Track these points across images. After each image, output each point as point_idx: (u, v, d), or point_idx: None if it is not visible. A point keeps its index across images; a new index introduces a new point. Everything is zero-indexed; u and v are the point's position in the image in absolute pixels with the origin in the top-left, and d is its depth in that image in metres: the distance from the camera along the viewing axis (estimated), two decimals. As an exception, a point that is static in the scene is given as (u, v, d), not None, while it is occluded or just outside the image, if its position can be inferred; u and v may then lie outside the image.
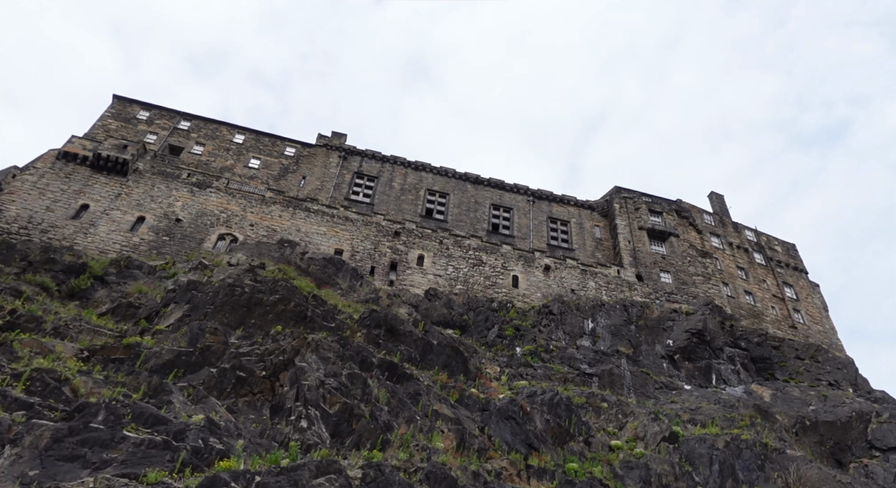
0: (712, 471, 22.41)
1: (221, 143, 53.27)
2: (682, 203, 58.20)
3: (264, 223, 42.84)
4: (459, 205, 53.76)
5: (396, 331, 23.63)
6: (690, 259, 51.05)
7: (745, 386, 36.60)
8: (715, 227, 57.36)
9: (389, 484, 13.15)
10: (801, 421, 32.60)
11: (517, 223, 53.35)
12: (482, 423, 20.71)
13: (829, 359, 40.53)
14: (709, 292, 48.03)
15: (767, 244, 58.45)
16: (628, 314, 38.94)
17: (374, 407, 17.33)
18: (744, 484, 22.55)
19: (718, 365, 37.29)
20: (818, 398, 35.17)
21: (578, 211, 56.38)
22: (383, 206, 51.07)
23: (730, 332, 40.02)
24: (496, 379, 25.83)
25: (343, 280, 34.07)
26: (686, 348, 37.11)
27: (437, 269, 43.48)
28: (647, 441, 23.85)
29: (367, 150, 56.96)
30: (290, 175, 52.15)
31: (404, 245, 44.71)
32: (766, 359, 39.21)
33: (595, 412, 25.33)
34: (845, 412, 33.61)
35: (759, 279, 53.10)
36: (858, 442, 32.66)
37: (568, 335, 36.13)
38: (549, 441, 22.00)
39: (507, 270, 45.02)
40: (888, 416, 33.59)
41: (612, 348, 36.14)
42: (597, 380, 31.33)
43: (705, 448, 23.39)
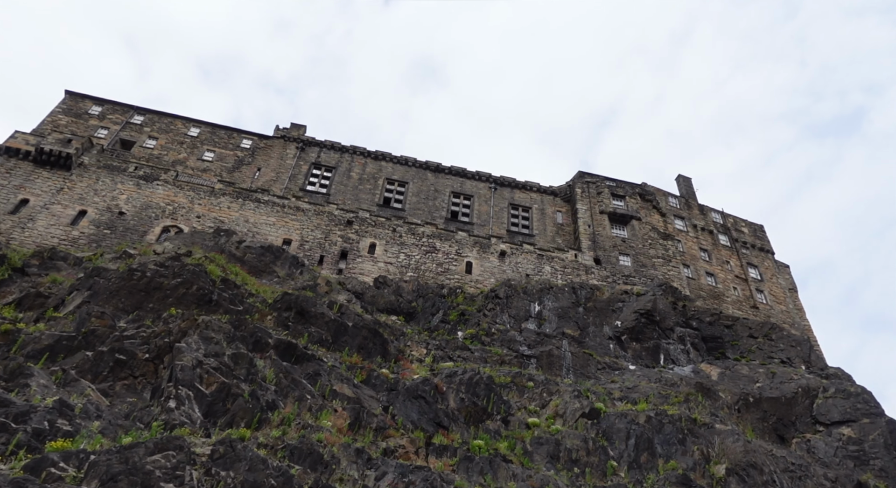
0: (628, 446, 22.00)
1: (175, 137, 52.63)
2: (647, 186, 57.74)
3: (212, 214, 42.27)
4: (418, 193, 53.25)
5: (307, 314, 23.13)
6: (651, 241, 50.63)
7: (693, 365, 36.23)
8: (680, 210, 56.95)
9: (239, 460, 12.66)
10: (744, 398, 32.26)
11: (477, 210, 52.85)
12: (387, 403, 20.25)
13: (784, 337, 40.16)
14: (668, 274, 47.62)
15: (734, 226, 58.06)
16: (577, 296, 38.52)
17: (259, 386, 16.84)
18: (661, 457, 22.15)
19: (667, 345, 36.89)
20: (766, 375, 34.82)
21: (541, 197, 55.89)
22: (340, 196, 50.52)
23: (682, 312, 39.61)
24: (420, 361, 25.36)
25: (281, 268, 33.55)
26: (634, 329, 36.69)
27: (388, 257, 42.98)
28: (567, 417, 23.43)
29: (325, 141, 56.38)
30: (244, 167, 51.56)
31: (356, 234, 44.20)
32: (718, 338, 38.83)
33: (519, 391, 24.89)
34: (791, 388, 33.27)
35: (722, 260, 52.71)
36: (803, 418, 32.33)
37: (513, 318, 35.67)
38: (462, 419, 21.55)
39: (460, 257, 44.55)
40: (834, 391, 33.26)
41: (557, 330, 35.70)
42: (534, 362, 30.89)
43: (625, 423, 22.99)
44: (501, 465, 18.38)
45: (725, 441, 24.79)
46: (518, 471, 18.35)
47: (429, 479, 15.45)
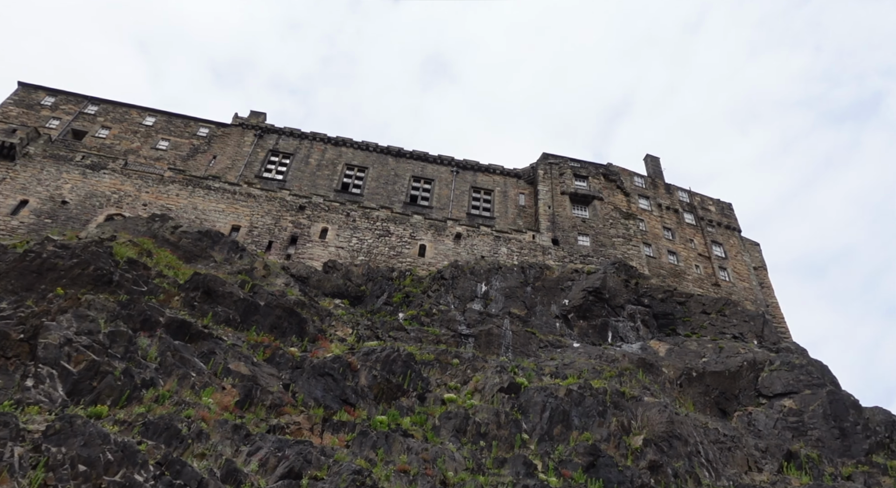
0: (542, 418, 21.64)
1: (130, 126, 52.01)
2: (612, 167, 57.23)
3: (159, 202, 41.76)
4: (378, 178, 52.71)
5: (215, 293, 22.70)
6: (613, 221, 50.20)
7: (643, 342, 35.92)
8: (645, 190, 56.47)
9: (74, 435, 12.23)
10: (687, 373, 31.97)
11: (437, 194, 52.35)
12: (290, 381, 19.85)
13: (737, 312, 39.81)
14: (627, 253, 47.21)
15: (701, 204, 57.62)
16: (526, 276, 38.11)
17: (137, 365, 16.40)
18: (577, 429, 21.80)
19: (616, 322, 36.53)
20: (714, 350, 34.52)
21: (504, 179, 55.38)
22: (296, 183, 49.97)
23: (634, 290, 39.21)
24: (343, 340, 24.95)
25: (219, 253, 33.09)
26: (581, 307, 36.31)
27: (339, 242, 42.52)
28: (485, 393, 23.05)
29: (284, 128, 55.79)
30: (199, 155, 50.97)
31: (308, 219, 43.71)
32: (669, 315, 38.47)
33: (442, 368, 24.50)
34: (736, 362, 32.97)
35: (686, 239, 52.31)
36: (747, 391, 32.04)
37: (458, 299, 35.26)
38: (372, 397, 21.17)
39: (414, 240, 44.08)
40: (779, 364, 32.96)
41: (503, 310, 35.30)
42: (472, 341, 30.51)
43: (543, 397, 22.61)
44: (398, 440, 18.01)
45: (650, 413, 24.45)
46: (415, 445, 17.98)
47: (303, 453, 15.06)
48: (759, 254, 60.74)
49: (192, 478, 12.57)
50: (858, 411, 29.39)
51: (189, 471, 12.66)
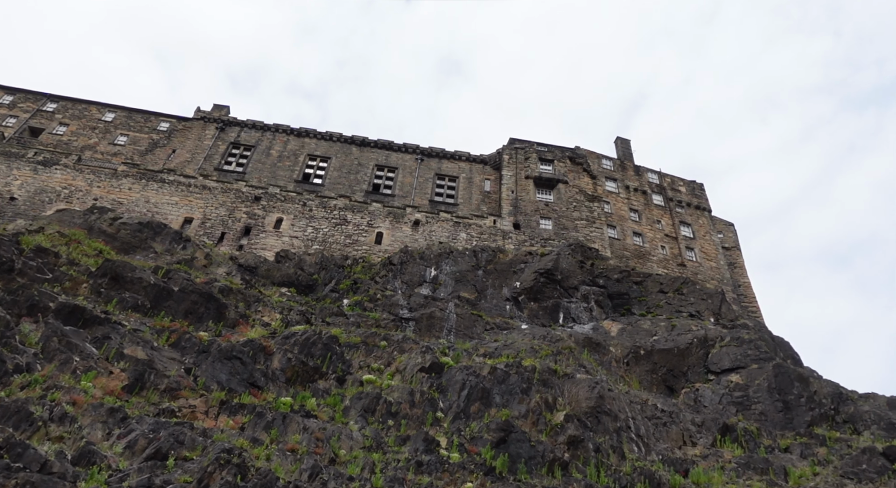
0: (460, 396, 21.26)
1: (88, 122, 51.64)
2: (580, 150, 56.73)
3: (110, 196, 41.39)
4: (341, 168, 52.25)
5: (123, 279, 22.32)
6: (576, 204, 49.72)
7: (595, 322, 35.51)
8: (613, 172, 55.95)
9: None
10: (634, 351, 31.58)
11: (400, 182, 51.88)
12: (193, 365, 19.48)
13: (695, 291, 39.34)
14: (590, 235, 46.75)
15: (671, 185, 57.07)
16: (477, 260, 37.69)
17: (13, 349, 16.03)
18: (496, 406, 21.41)
19: (568, 303, 36.11)
20: (666, 328, 34.10)
21: (469, 166, 54.88)
22: (256, 174, 49.55)
23: (589, 271, 38.77)
24: (266, 325, 24.57)
25: (161, 244, 32.72)
26: (532, 289, 35.89)
27: (294, 231, 42.13)
28: (406, 373, 22.67)
29: (247, 121, 55.30)
30: (158, 149, 50.57)
31: (263, 210, 43.32)
32: (625, 294, 38.02)
33: (368, 351, 24.10)
34: (686, 339, 32.56)
35: (653, 220, 51.81)
36: (696, 368, 31.65)
37: (406, 284, 34.87)
38: (284, 379, 20.81)
39: (371, 228, 43.67)
40: (729, 340, 32.53)
41: (453, 294, 34.91)
42: (413, 325, 30.11)
43: (464, 376, 22.21)
44: (295, 420, 17.64)
45: (578, 389, 24.06)
46: (313, 425, 17.60)
47: (176, 434, 14.70)
48: (734, 234, 60.28)
49: (35, 460, 12.21)
50: (805, 384, 28.97)
51: (32, 454, 12.29)
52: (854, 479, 21.73)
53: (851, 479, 21.77)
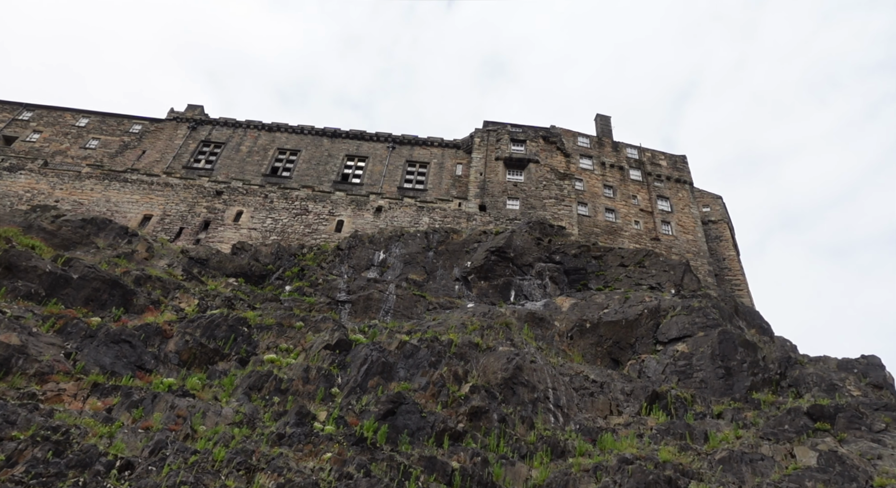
0: (359, 372, 20.85)
1: (62, 129, 52.32)
2: (554, 129, 55.86)
3: (72, 198, 41.84)
4: (310, 160, 52.14)
5: (16, 268, 22.40)
6: (546, 183, 48.92)
7: (548, 298, 34.83)
8: (589, 149, 54.97)
9: None
10: (580, 325, 30.90)
11: (370, 171, 51.59)
12: (76, 349, 19.41)
13: (657, 263, 38.36)
14: (558, 213, 45.96)
15: (650, 160, 55.86)
16: (429, 241, 37.23)
17: None
18: (399, 380, 21.02)
19: (521, 281, 35.49)
20: (620, 301, 33.27)
21: (442, 151, 54.37)
22: (224, 171, 49.69)
23: (546, 247, 38.05)
24: (179, 310, 24.46)
25: (105, 240, 32.91)
26: (483, 267, 35.32)
27: (253, 223, 42.12)
28: (311, 351, 22.35)
29: (219, 119, 55.56)
30: (128, 151, 50.98)
31: (224, 203, 43.40)
32: (582, 270, 37.23)
33: (279, 332, 23.81)
34: (636, 311, 31.76)
35: (628, 195, 50.76)
36: (645, 339, 30.83)
37: (353, 269, 34.57)
38: (178, 361, 20.65)
39: (332, 216, 43.46)
40: (680, 309, 31.60)
41: (400, 276, 34.52)
42: (349, 307, 29.80)
43: (368, 351, 21.82)
44: (164, 400, 17.44)
45: (493, 361, 23.54)
46: (181, 403, 17.38)
47: (7, 415, 14.59)
48: (721, 207, 58.78)
49: None
50: (750, 350, 27.97)
51: None
52: (771, 440, 20.87)
53: (769, 440, 20.91)
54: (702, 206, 57.84)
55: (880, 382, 25.97)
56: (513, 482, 18.19)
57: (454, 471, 16.93)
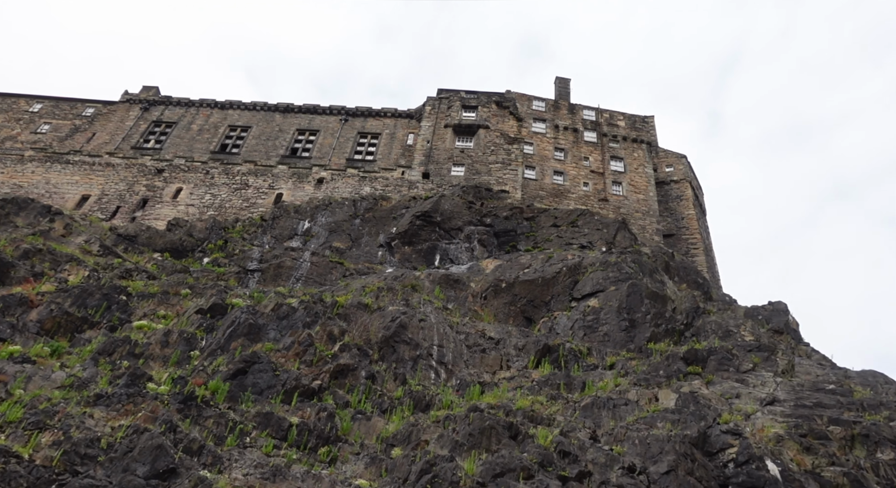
0: (224, 334, 20.79)
1: (14, 115, 52.44)
2: (509, 94, 55.07)
3: (12, 181, 42.10)
4: (260, 135, 51.89)
5: None
6: (494, 148, 48.34)
7: (475, 262, 34.57)
8: (544, 113, 54.18)
9: None
10: (495, 285, 30.59)
11: (320, 144, 51.22)
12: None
13: (590, 222, 37.88)
14: (502, 178, 45.43)
15: (608, 121, 54.97)
16: (356, 209, 37.00)
17: None
18: (265, 341, 20.94)
19: (447, 245, 35.22)
20: (543, 261, 32.91)
21: (394, 121, 53.84)
22: (172, 149, 49.57)
23: (478, 211, 37.68)
24: (63, 281, 24.51)
25: (24, 219, 33.09)
26: (408, 233, 35.07)
27: (191, 200, 42.12)
28: (184, 316, 22.33)
29: (172, 98, 55.39)
30: (79, 134, 51.04)
31: (164, 181, 43.42)
32: (512, 231, 36.84)
33: (162, 300, 23.80)
34: (554, 269, 31.40)
35: (580, 157, 50.05)
36: (561, 297, 30.52)
37: (275, 239, 34.52)
38: (38, 330, 20.72)
39: (272, 189, 43.33)
40: (598, 265, 31.20)
41: (324, 245, 34.41)
42: (258, 275, 29.75)
43: (240, 314, 21.75)
44: (4, 365, 17.47)
45: (374, 320, 23.41)
46: (9, 369, 17.36)
47: None
48: (684, 166, 57.80)
49: None
50: (658, 301, 27.57)
51: None
52: (642, 385, 20.61)
53: (640, 386, 20.65)
54: (665, 166, 57.04)
55: (780, 327, 25.53)
56: (365, 435, 18.08)
57: (291, 427, 16.85)
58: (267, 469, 13.96)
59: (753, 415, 17.97)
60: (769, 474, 15.68)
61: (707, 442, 17.34)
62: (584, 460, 16.70)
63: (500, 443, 16.65)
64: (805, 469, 15.73)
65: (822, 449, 16.13)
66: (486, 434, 16.77)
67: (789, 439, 16.42)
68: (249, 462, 14.28)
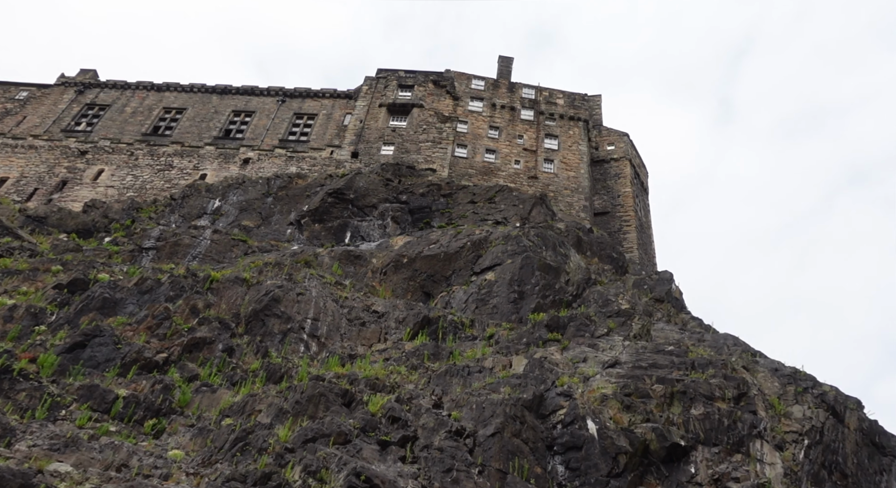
0: (75, 309, 20.59)
1: (-56, 99, 51.70)
2: (448, 73, 54.67)
3: (-68, 165, 41.56)
4: (195, 117, 51.29)
5: None
6: (427, 127, 48.09)
7: (386, 238, 34.46)
8: (482, 91, 53.86)
9: None
10: (396, 261, 30.49)
11: (255, 125, 50.69)
12: None
13: (509, 198, 37.83)
14: (431, 156, 45.23)
15: (547, 99, 54.73)
16: (269, 187, 36.75)
17: None
18: (118, 315, 20.77)
19: (360, 222, 35.08)
20: (452, 236, 32.81)
21: (332, 102, 53.38)
22: (103, 132, 48.88)
23: (395, 188, 37.51)
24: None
25: (-74, 201, 32.62)
26: (318, 210, 34.88)
27: (112, 181, 41.71)
28: (39, 292, 22.10)
29: (108, 81, 54.70)
30: (8, 117, 50.28)
31: (86, 163, 42.98)
32: (426, 208, 36.72)
33: (29, 276, 23.48)
34: (458, 244, 31.32)
35: (514, 135, 49.85)
36: (463, 271, 30.47)
37: (183, 218, 34.24)
38: None
39: (197, 170, 42.96)
40: (501, 239, 31.15)
41: (234, 223, 34.19)
42: (153, 253, 29.50)
43: (101, 289, 21.52)
44: None
45: (248, 294, 23.30)
46: None
47: None
48: (625, 144, 57.71)
49: None
50: (550, 273, 27.59)
51: None
52: (502, 353, 20.63)
53: (501, 353, 20.68)
54: (607, 145, 57.03)
55: (662, 296, 25.60)
56: (207, 408, 17.97)
57: (117, 399, 16.71)
58: (60, 440, 13.81)
59: (593, 378, 18.03)
60: (588, 433, 15.80)
61: (542, 405, 17.41)
62: (414, 425, 16.70)
63: (328, 411, 16.60)
64: (622, 426, 15.81)
65: (641, 406, 16.21)
66: (314, 402, 16.72)
67: (613, 399, 16.49)
68: (47, 434, 14.11)
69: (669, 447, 15.12)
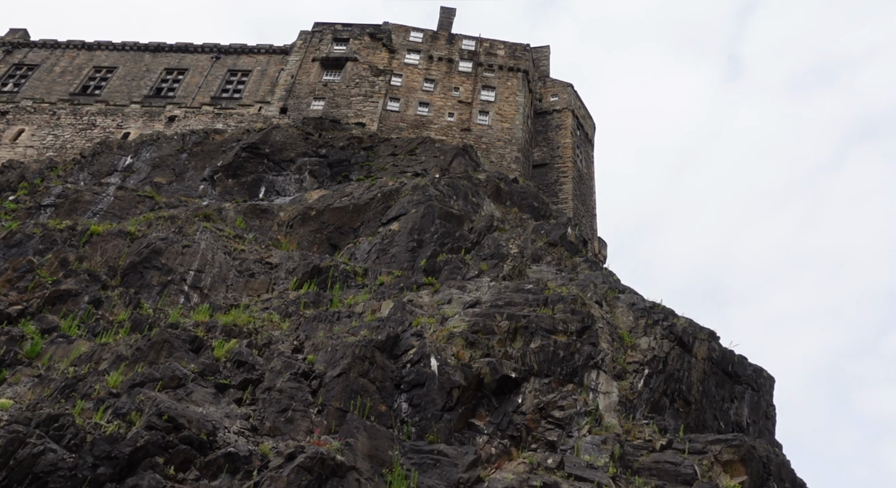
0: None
1: None
2: (385, 26, 53.52)
3: None
4: (125, 76, 50.05)
5: None
6: (359, 81, 47.21)
7: (302, 193, 34.05)
8: (420, 44, 52.83)
9: None
10: (304, 213, 30.20)
11: (187, 83, 49.58)
12: None
13: (431, 149, 37.39)
14: (362, 110, 44.51)
15: (487, 50, 53.81)
16: (184, 143, 36.07)
17: None
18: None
19: (275, 177, 34.61)
20: (366, 188, 32.59)
21: (268, 58, 52.19)
22: (30, 92, 47.67)
23: (314, 142, 36.94)
24: None
25: None
26: (232, 165, 34.34)
27: (32, 141, 40.84)
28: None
29: (38, 41, 53.12)
30: (-70, 80, 48.97)
31: (6, 124, 41.99)
32: (345, 161, 36.25)
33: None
34: (369, 196, 31.03)
35: (450, 88, 49.09)
36: (371, 223, 30.18)
37: (92, 176, 33.62)
38: None
39: (120, 129, 42.08)
40: (410, 189, 30.83)
41: (145, 180, 33.60)
42: (51, 210, 28.97)
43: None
44: None
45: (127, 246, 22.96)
46: None
47: None
48: (569, 95, 57.07)
49: None
50: (451, 222, 27.36)
51: None
52: (378, 298, 20.50)
53: (377, 299, 20.55)
54: (551, 96, 56.43)
55: (555, 240, 25.52)
56: (60, 359, 17.75)
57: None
58: None
59: (452, 318, 17.97)
60: (430, 370, 15.77)
61: (397, 346, 17.37)
62: (262, 369, 16.60)
63: (171, 357, 16.44)
64: (463, 362, 15.79)
65: (485, 342, 16.19)
66: (157, 348, 16.57)
67: (459, 336, 16.45)
68: None
69: (500, 379, 15.16)
